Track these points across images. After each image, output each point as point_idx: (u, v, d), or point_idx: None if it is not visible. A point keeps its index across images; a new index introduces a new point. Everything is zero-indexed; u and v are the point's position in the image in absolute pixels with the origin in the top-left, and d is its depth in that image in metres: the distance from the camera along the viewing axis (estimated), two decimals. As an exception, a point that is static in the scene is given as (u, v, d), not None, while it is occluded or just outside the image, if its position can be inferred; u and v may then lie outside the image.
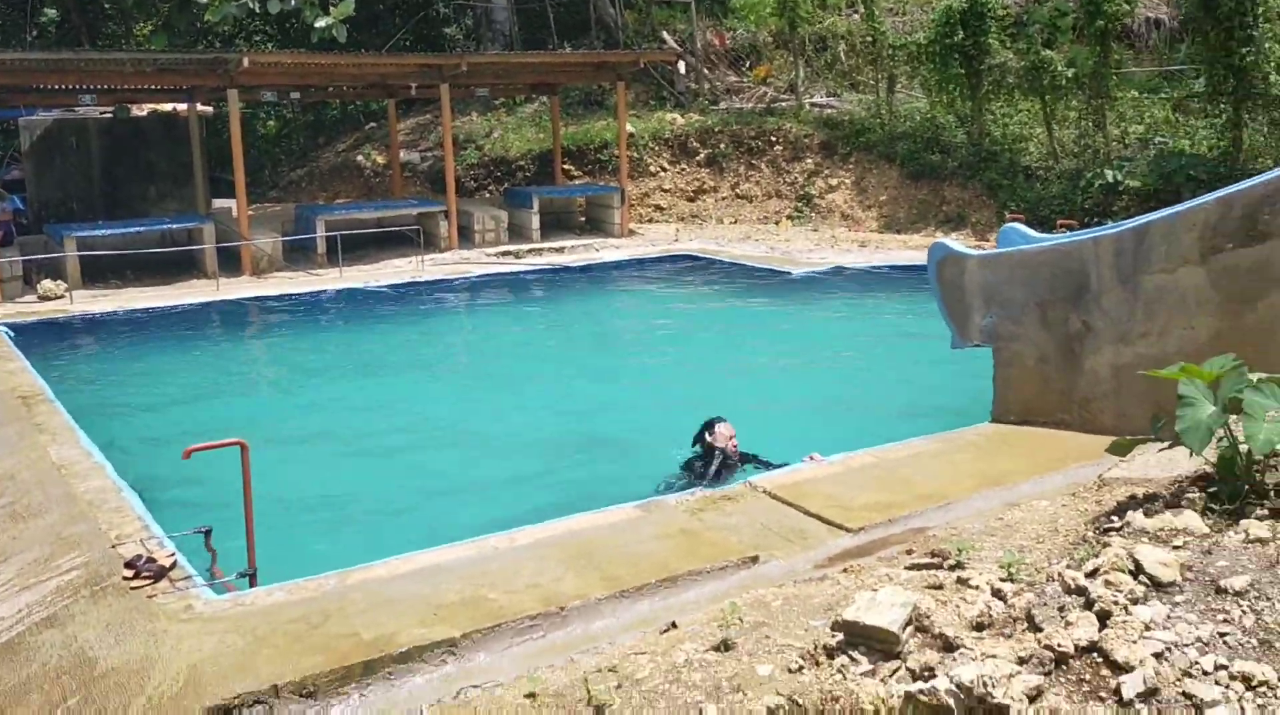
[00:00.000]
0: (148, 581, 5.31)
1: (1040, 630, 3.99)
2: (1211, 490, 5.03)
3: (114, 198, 20.86)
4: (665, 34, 27.49)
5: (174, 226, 18.79)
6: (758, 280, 16.63)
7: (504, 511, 7.48)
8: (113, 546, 5.87)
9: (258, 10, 23.01)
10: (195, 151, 21.37)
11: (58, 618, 5.18)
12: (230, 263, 17.89)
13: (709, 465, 7.83)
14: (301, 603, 5.04)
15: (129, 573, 5.40)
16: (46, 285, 15.95)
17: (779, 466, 7.34)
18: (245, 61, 16.93)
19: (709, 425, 8.07)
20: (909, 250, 18.15)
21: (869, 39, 22.96)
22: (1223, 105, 17.01)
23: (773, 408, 8.88)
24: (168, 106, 23.45)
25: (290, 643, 4.62)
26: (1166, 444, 5.23)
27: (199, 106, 21.66)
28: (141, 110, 22.88)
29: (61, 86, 18.79)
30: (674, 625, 4.86)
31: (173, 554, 5.62)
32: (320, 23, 22.04)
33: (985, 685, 3.56)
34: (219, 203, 22.71)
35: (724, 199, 23.54)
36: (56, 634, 5.01)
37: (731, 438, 7.96)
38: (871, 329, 13.91)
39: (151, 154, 21.42)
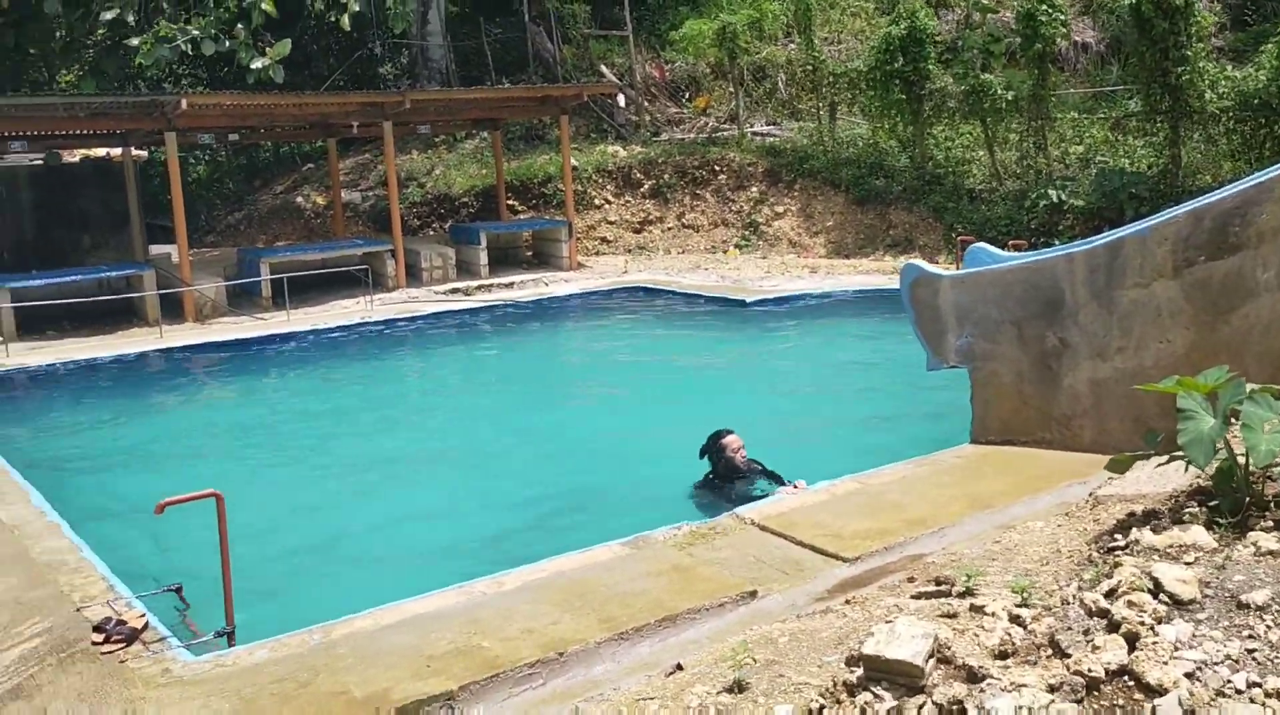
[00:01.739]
0: (119, 646, 5.02)
1: (1067, 656, 3.89)
2: (1211, 504, 4.99)
3: (46, 247, 20.29)
4: (604, 67, 27.56)
5: (112, 274, 18.30)
6: (712, 310, 16.58)
7: (481, 553, 7.28)
8: (78, 610, 5.56)
9: (190, 53, 22.72)
10: (131, 197, 20.89)
11: (24, 688, 4.87)
12: (172, 310, 17.45)
13: (719, 476, 7.87)
14: (286, 660, 4.80)
15: (98, 637, 5.11)
16: (-21, 339, 15.41)
17: (782, 483, 7.50)
18: (184, 104, 16.58)
19: (716, 436, 8.00)
20: (860, 274, 18.24)
21: (809, 67, 23.17)
22: (1159, 123, 17.37)
23: (746, 436, 8.73)
24: (101, 152, 22.96)
25: (279, 704, 4.38)
26: (1165, 459, 5.18)
27: (134, 151, 21.20)
28: (73, 156, 22.37)
29: (-10, 134, 18.31)
30: (679, 667, 4.69)
31: (143, 615, 5.33)
32: (257, 64, 21.82)
33: (1025, 717, 3.44)
34: (155, 249, 22.19)
35: (670, 229, 23.53)
36: (24, 706, 4.70)
37: (740, 449, 7.89)
38: (835, 353, 13.91)
39: (85, 201, 20.89)
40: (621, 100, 25.55)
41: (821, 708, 4.02)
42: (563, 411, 12.16)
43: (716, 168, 23.56)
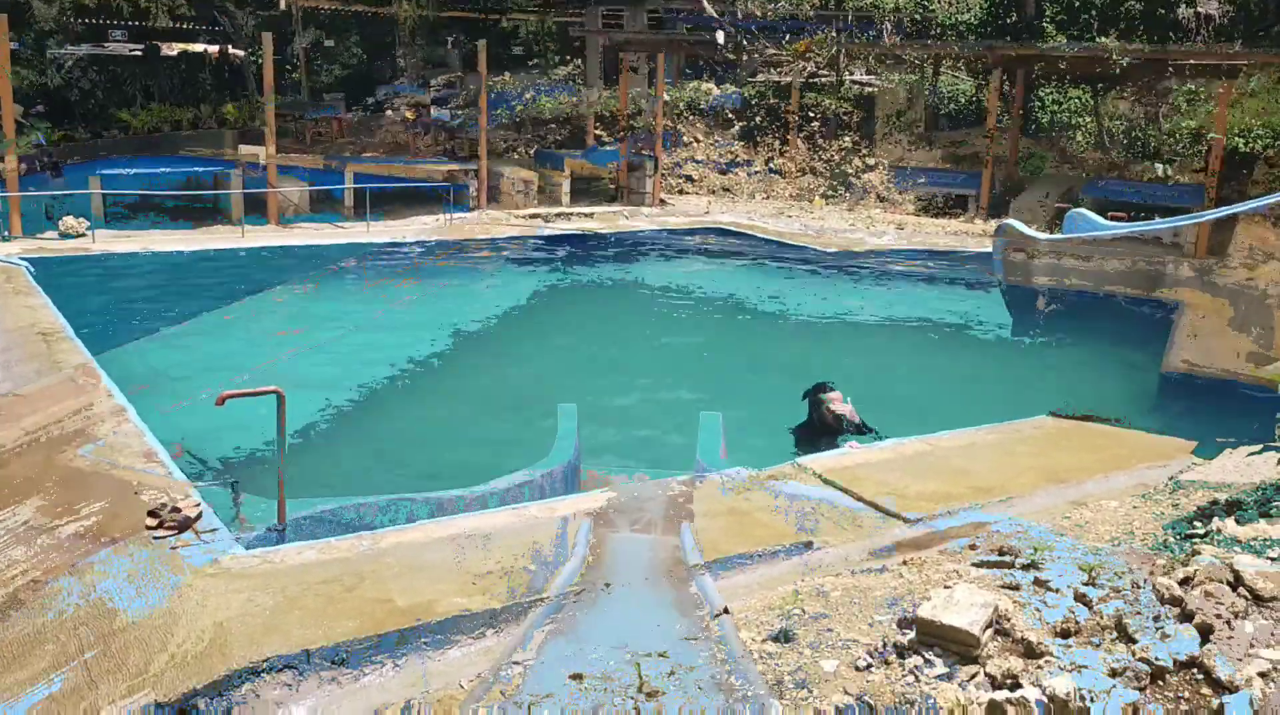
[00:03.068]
0: (172, 532, 5.06)
1: (1133, 641, 3.71)
2: (1303, 499, 4.74)
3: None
4: (705, 3, 26.96)
5: (201, 170, 18.50)
6: (793, 257, 16.27)
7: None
8: (135, 493, 5.61)
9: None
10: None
11: (76, 565, 4.92)
12: (256, 210, 17.57)
13: (811, 426, 8.00)
14: (334, 563, 4.79)
15: (152, 522, 5.14)
16: (68, 222, 15.64)
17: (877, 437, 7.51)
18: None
19: (818, 388, 8.11)
20: (948, 235, 17.77)
21: (916, 16, 22.45)
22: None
23: (812, 385, 8.56)
24: (198, 48, 23.15)
25: (323, 605, 4.37)
26: (1257, 448, 4.92)
27: (230, 50, 21.32)
28: (171, 51, 22.56)
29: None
30: (727, 611, 4.59)
31: (198, 504, 5.36)
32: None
33: (1084, 699, 3.28)
34: (244, 148, 22.36)
35: (757, 173, 23.11)
36: (74, 582, 4.76)
37: (836, 404, 8.04)
38: (913, 311, 13.59)
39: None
40: (720, 37, 25.02)
41: (869, 666, 3.90)
42: (626, 343, 12.06)
43: (810, 114, 23.02)
